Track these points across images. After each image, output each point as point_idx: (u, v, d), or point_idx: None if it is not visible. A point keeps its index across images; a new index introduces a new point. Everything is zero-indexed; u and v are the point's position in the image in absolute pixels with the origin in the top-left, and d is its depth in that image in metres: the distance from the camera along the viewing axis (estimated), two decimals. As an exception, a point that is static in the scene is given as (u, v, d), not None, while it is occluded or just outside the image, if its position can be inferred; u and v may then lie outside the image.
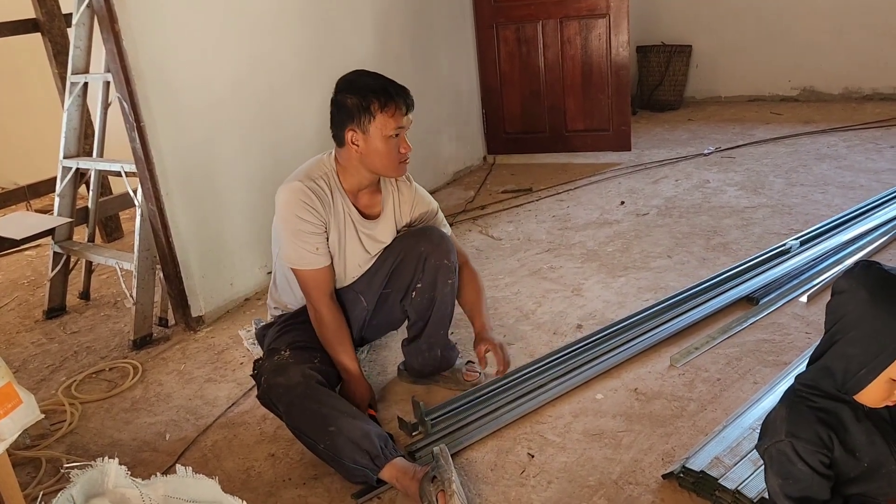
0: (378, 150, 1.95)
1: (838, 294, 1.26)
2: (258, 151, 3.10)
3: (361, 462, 1.79)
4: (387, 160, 1.97)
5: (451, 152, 4.61)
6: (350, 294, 2.18)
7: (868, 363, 1.21)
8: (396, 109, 1.92)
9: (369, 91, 1.91)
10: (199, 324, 2.91)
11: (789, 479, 1.30)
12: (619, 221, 3.57)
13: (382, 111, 1.91)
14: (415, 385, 2.34)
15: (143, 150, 2.66)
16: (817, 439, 1.27)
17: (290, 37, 3.25)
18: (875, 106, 5.25)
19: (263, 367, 1.96)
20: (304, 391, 1.85)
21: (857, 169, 3.94)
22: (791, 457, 1.29)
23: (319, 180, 2.01)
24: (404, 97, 1.95)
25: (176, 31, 2.73)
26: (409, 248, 2.15)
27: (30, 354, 2.87)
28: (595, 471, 1.85)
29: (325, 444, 1.81)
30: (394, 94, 1.92)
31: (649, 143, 4.94)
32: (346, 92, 1.95)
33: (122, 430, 2.29)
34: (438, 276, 2.13)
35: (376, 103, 1.90)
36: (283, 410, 1.89)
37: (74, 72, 3.00)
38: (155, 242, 2.80)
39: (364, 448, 1.79)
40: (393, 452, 1.83)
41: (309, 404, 1.84)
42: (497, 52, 4.68)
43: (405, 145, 1.98)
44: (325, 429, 1.81)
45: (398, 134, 1.95)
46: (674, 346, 2.38)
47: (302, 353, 1.97)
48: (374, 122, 1.92)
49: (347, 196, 2.06)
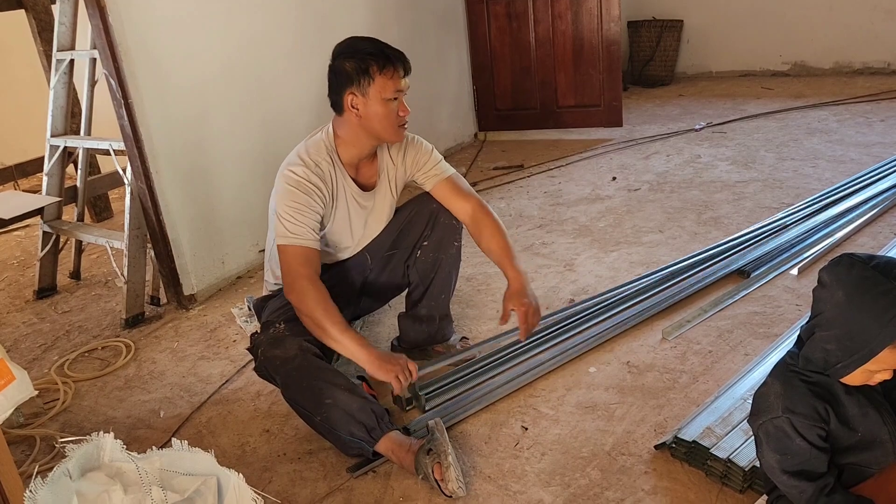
0: (377, 113, 1.92)
1: (821, 286, 1.27)
2: (249, 128, 3.08)
3: (358, 434, 1.80)
4: (386, 123, 1.94)
5: (441, 129, 4.58)
6: (357, 255, 2.16)
7: (844, 360, 1.23)
8: (395, 72, 1.90)
9: (367, 54, 1.90)
10: (192, 302, 2.91)
11: (787, 455, 1.31)
12: (611, 197, 3.58)
13: (381, 73, 1.89)
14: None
15: (132, 127, 2.63)
16: (814, 413, 1.28)
17: (280, 13, 3.21)
18: (865, 80, 5.25)
19: (260, 340, 1.95)
20: (301, 363, 1.85)
21: (848, 143, 3.95)
22: (789, 432, 1.29)
23: (322, 162, 1.98)
24: (402, 60, 1.93)
25: (163, 6, 2.69)
26: (421, 206, 2.15)
27: (21, 334, 2.86)
28: (588, 442, 1.86)
29: (321, 417, 1.82)
30: (392, 57, 1.91)
31: (640, 119, 4.93)
32: (344, 57, 1.92)
33: (116, 407, 2.29)
34: (445, 236, 2.13)
35: (375, 66, 1.88)
36: (280, 382, 1.89)
37: (60, 49, 2.96)
38: (145, 221, 2.78)
39: (360, 420, 1.80)
40: (389, 426, 1.84)
41: (305, 376, 1.84)
42: (488, 28, 4.64)
43: (404, 108, 1.95)
44: (322, 401, 1.81)
45: (397, 97, 1.92)
46: (665, 319, 2.39)
47: (297, 325, 1.94)
48: (374, 85, 1.89)
49: (346, 170, 2.04)
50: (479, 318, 2.55)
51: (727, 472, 1.64)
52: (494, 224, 2.08)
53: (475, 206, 2.09)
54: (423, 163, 2.12)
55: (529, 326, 1.96)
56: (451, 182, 2.12)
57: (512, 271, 2.01)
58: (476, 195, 2.13)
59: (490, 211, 2.10)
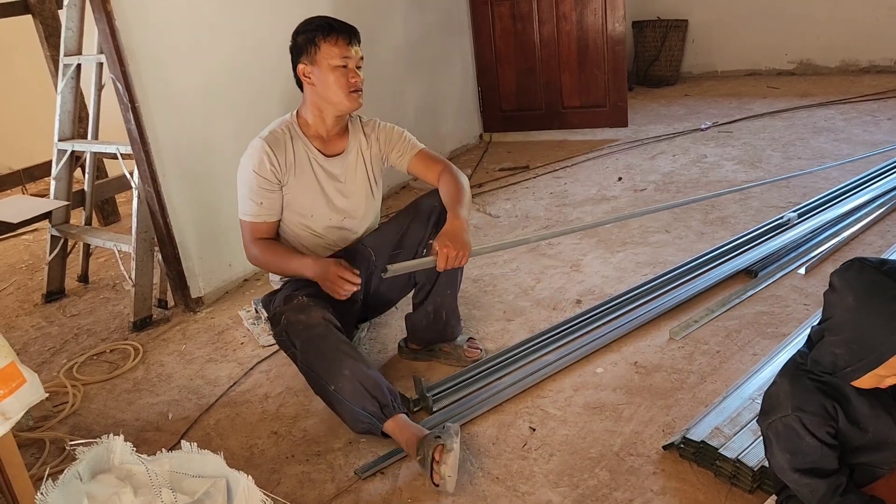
0: (328, 81, 2.02)
1: (831, 290, 1.26)
2: (254, 131, 3.05)
3: (370, 409, 1.84)
4: (336, 88, 2.02)
5: (447, 131, 4.59)
6: (361, 249, 2.20)
7: (853, 364, 1.23)
8: (339, 38, 1.99)
9: (314, 27, 2.01)
10: (199, 305, 2.91)
11: (798, 454, 1.30)
12: (617, 197, 3.57)
13: (326, 41, 1.99)
14: (416, 362, 2.35)
15: (139, 131, 2.64)
16: (823, 411, 1.28)
17: (286, 16, 3.21)
18: (872, 78, 5.23)
19: (284, 308, 2.00)
20: (323, 332, 1.90)
21: (855, 141, 3.94)
22: (799, 431, 1.29)
23: (280, 132, 2.11)
24: (348, 30, 2.02)
25: (169, 11, 2.70)
26: (422, 206, 2.20)
27: (30, 338, 2.87)
28: (596, 443, 1.86)
29: (335, 386, 1.85)
30: (336, 26, 2.01)
31: (646, 119, 4.93)
32: (297, 32, 2.05)
33: (124, 410, 2.30)
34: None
35: (320, 34, 2.00)
36: (298, 347, 1.92)
37: (67, 53, 2.97)
38: (153, 224, 2.79)
39: (374, 396, 1.84)
40: (401, 408, 1.88)
41: (326, 345, 1.88)
42: (492, 29, 4.64)
43: (354, 74, 2.03)
44: (340, 371, 1.84)
45: (346, 65, 2.01)
46: (673, 319, 2.39)
47: (319, 299, 2.01)
48: (320, 52, 2.00)
49: (312, 141, 2.13)
50: (486, 319, 2.55)
51: (736, 473, 1.64)
52: (453, 177, 2.14)
53: (443, 168, 2.19)
54: (396, 141, 2.22)
55: (448, 265, 1.90)
56: (424, 154, 2.22)
57: (450, 215, 2.01)
58: (446, 161, 2.23)
59: (455, 170, 2.18)
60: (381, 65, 3.86)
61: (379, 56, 3.85)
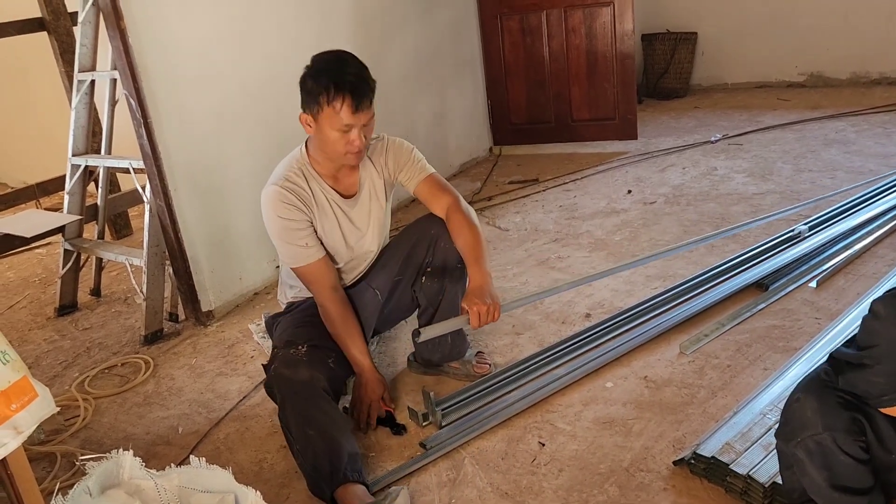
0: (327, 139, 1.91)
1: (874, 317, 1.22)
2: (265, 146, 3.11)
3: (322, 471, 1.74)
4: (333, 149, 1.93)
5: (456, 144, 4.60)
6: (367, 292, 2.19)
7: (889, 394, 1.21)
8: (343, 105, 1.84)
9: (322, 81, 1.85)
10: (210, 318, 2.93)
11: (834, 471, 1.28)
12: (627, 210, 3.57)
13: (330, 105, 1.85)
14: (425, 376, 2.35)
15: (151, 146, 2.67)
16: (853, 426, 1.25)
17: (297, 34, 3.25)
18: (883, 90, 5.21)
19: (277, 356, 1.97)
20: (303, 390, 1.85)
21: (866, 154, 3.92)
22: (832, 449, 1.26)
23: (294, 176, 2.02)
24: (356, 94, 1.84)
25: (182, 28, 2.73)
26: (422, 232, 2.16)
27: (42, 351, 2.89)
28: (606, 458, 1.85)
29: (299, 446, 1.80)
30: (343, 89, 1.83)
31: (656, 132, 4.93)
32: (307, 73, 1.91)
33: (135, 424, 2.31)
34: (448, 259, 2.13)
35: (324, 95, 1.85)
36: (278, 402, 1.89)
37: (81, 70, 3.01)
38: (164, 238, 2.82)
39: (328, 459, 1.75)
40: (354, 475, 1.75)
41: (302, 403, 1.83)
42: (501, 43, 4.67)
43: (358, 139, 1.90)
44: (305, 431, 1.79)
45: (349, 130, 1.88)
46: (683, 333, 2.38)
47: (317, 353, 1.97)
48: (322, 114, 1.88)
49: (325, 180, 2.06)
50: (495, 333, 2.54)
51: (747, 489, 1.62)
52: (465, 221, 2.06)
53: (451, 204, 2.10)
54: (404, 163, 2.14)
55: (481, 324, 1.88)
56: (432, 181, 2.14)
57: (472, 270, 1.97)
58: (454, 193, 2.13)
59: (464, 208, 2.09)
60: (392, 79, 3.89)
61: (389, 70, 3.87)
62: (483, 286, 1.91)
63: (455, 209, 2.08)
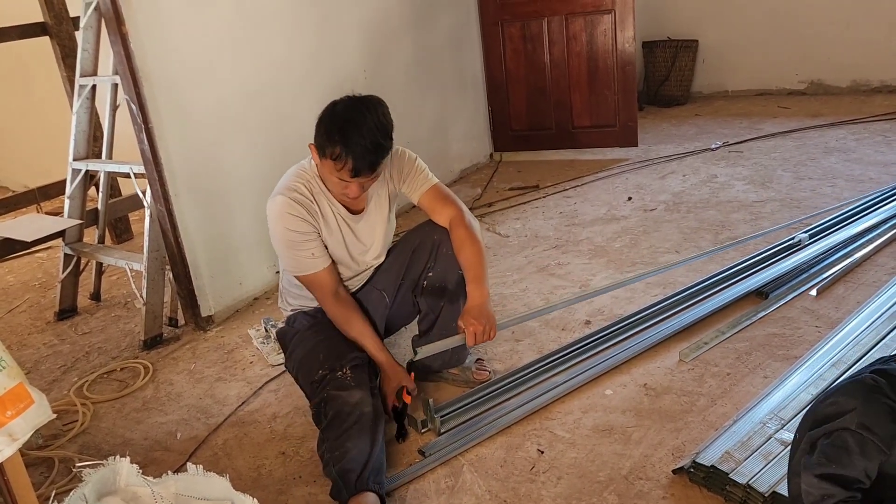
0: (327, 178, 1.96)
1: None
2: (266, 151, 3.11)
3: (348, 477, 1.75)
4: (331, 188, 1.98)
5: (457, 150, 4.61)
6: (373, 293, 2.20)
7: None
8: (344, 167, 1.86)
9: (334, 135, 1.85)
10: (209, 323, 2.93)
11: (833, 465, 1.24)
12: (627, 217, 3.57)
13: (333, 160, 1.86)
14: (424, 382, 2.34)
15: (152, 151, 2.67)
16: (889, 438, 1.22)
17: (298, 39, 3.26)
18: (884, 98, 5.21)
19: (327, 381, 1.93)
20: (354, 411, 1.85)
21: (866, 162, 3.92)
22: (852, 448, 1.23)
23: (301, 188, 2.02)
24: (359, 162, 1.85)
25: (183, 33, 2.74)
26: (424, 237, 2.17)
27: (42, 356, 2.89)
28: (605, 466, 1.85)
29: (337, 452, 1.80)
30: (349, 153, 1.84)
31: (656, 139, 4.93)
32: (326, 116, 1.91)
33: (133, 429, 2.30)
34: (448, 266, 2.13)
35: (330, 150, 1.86)
36: (328, 418, 1.87)
37: (83, 74, 3.02)
38: (164, 243, 2.81)
39: (360, 465, 1.76)
40: (375, 486, 1.75)
41: (351, 420, 1.84)
42: (503, 50, 4.67)
43: (353, 193, 1.93)
44: (344, 442, 1.80)
45: (346, 186, 1.91)
46: (683, 340, 2.37)
47: (359, 372, 1.97)
48: (326, 160, 1.89)
49: (333, 195, 2.06)
50: (495, 340, 2.52)
51: (746, 498, 1.62)
52: (468, 236, 2.07)
53: (454, 216, 2.11)
54: (408, 173, 2.14)
55: (477, 341, 1.95)
56: (435, 191, 2.14)
57: (472, 288, 2.00)
58: (458, 204, 2.14)
59: (467, 222, 2.10)
60: (393, 85, 3.89)
61: (391, 76, 3.88)
62: (481, 305, 1.95)
63: (458, 222, 2.10)
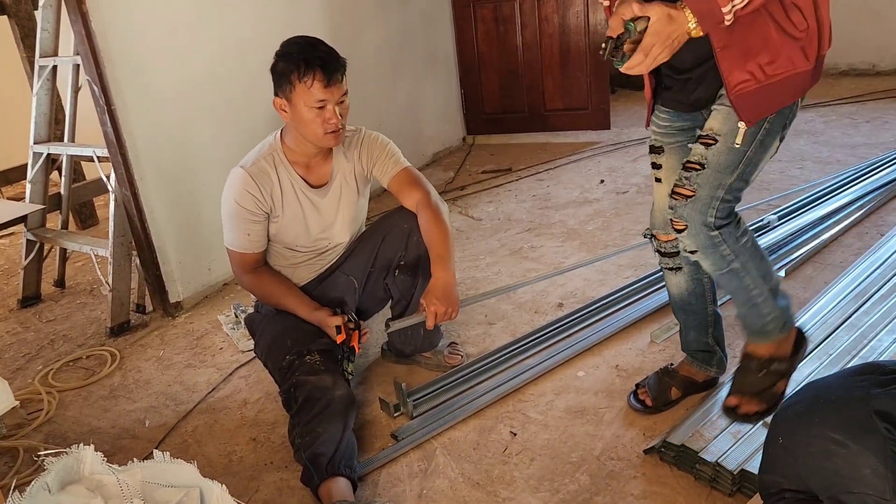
0: (303, 119, 1.89)
1: None
2: (234, 134, 3.05)
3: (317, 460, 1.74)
4: (312, 129, 1.90)
5: (430, 133, 4.58)
6: (341, 278, 2.16)
7: None
8: (315, 80, 1.83)
9: (292, 59, 1.85)
10: (178, 309, 2.88)
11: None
12: (600, 200, 3.58)
13: (301, 82, 1.84)
14: (396, 366, 2.33)
15: (115, 134, 2.61)
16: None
17: (266, 18, 3.19)
18: (851, 81, 5.28)
19: (295, 367, 1.90)
20: (325, 395, 1.82)
21: (834, 144, 3.96)
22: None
23: (263, 162, 2.00)
24: (327, 69, 1.84)
25: (147, 13, 2.67)
26: (395, 225, 2.14)
27: (5, 344, 2.82)
28: (577, 447, 1.85)
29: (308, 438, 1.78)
30: (314, 64, 1.83)
31: (628, 122, 4.94)
32: (277, 56, 1.90)
33: (100, 417, 2.26)
34: (421, 254, 2.11)
35: (295, 73, 1.84)
36: (300, 402, 1.84)
37: (42, 55, 2.93)
38: (130, 228, 2.76)
39: (332, 448, 1.75)
40: (346, 471, 1.74)
41: (322, 405, 1.81)
42: (475, 32, 4.64)
43: (332, 115, 1.88)
44: (315, 427, 1.78)
45: (322, 105, 1.87)
46: (654, 322, 2.39)
47: (328, 356, 1.95)
48: (295, 92, 1.86)
49: (295, 168, 2.03)
50: (468, 323, 2.53)
51: (716, 476, 1.63)
52: (433, 217, 2.03)
53: (421, 199, 2.07)
54: (379, 156, 2.11)
55: (437, 321, 1.88)
56: (405, 174, 2.11)
57: (435, 268, 1.95)
58: (427, 188, 2.10)
59: (433, 204, 2.06)
60: (364, 67, 3.84)
61: (362, 58, 3.83)
62: (445, 288, 1.90)
63: (425, 205, 2.06)
